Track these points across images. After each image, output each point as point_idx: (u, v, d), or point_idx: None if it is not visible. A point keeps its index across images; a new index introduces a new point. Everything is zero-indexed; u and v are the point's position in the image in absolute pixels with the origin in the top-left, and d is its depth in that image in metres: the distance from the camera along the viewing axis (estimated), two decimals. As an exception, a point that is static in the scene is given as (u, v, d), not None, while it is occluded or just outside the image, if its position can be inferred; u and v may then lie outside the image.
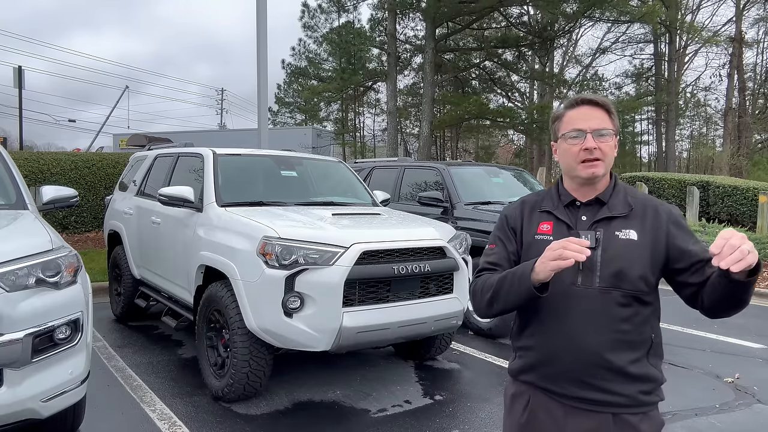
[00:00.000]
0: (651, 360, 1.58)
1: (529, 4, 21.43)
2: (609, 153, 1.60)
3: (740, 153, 25.34)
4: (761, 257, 9.64)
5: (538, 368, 1.63)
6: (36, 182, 9.57)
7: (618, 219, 1.59)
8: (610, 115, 1.62)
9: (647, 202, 1.64)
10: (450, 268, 4.20)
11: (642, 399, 1.55)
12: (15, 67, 19.38)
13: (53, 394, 2.69)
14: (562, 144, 1.65)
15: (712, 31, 29.28)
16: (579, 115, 1.61)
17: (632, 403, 1.54)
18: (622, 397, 1.53)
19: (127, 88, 34.90)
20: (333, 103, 29.29)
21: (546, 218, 1.67)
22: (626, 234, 1.57)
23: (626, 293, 1.51)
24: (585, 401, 1.56)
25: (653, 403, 1.59)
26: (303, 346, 3.65)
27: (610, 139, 1.60)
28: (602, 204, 1.62)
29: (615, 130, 1.62)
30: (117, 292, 6.19)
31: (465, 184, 6.67)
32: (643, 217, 1.59)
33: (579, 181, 1.63)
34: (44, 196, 3.80)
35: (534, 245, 1.65)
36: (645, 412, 1.56)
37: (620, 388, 1.53)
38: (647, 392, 1.56)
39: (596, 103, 1.62)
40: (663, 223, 1.58)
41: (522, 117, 24.59)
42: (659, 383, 1.60)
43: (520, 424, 1.67)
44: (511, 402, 1.73)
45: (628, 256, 1.54)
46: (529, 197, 1.78)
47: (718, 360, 5.15)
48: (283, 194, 4.87)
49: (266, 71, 9.08)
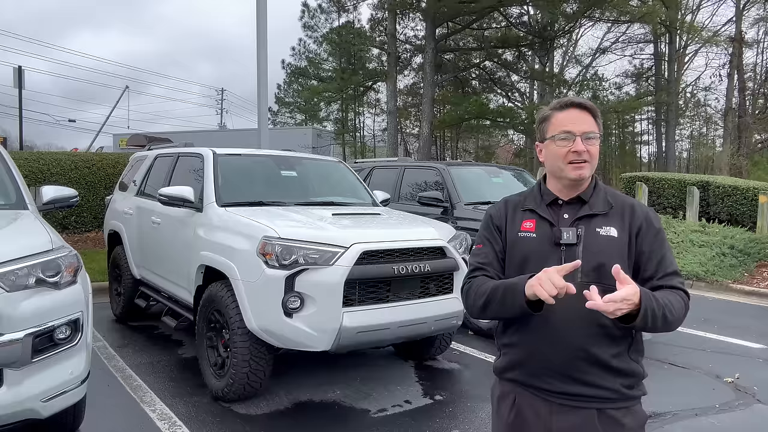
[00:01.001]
0: (632, 355, 1.63)
1: (529, 4, 21.44)
2: (595, 156, 1.66)
3: (740, 153, 25.32)
4: (761, 257, 9.69)
5: (522, 365, 1.67)
6: (36, 182, 9.57)
7: (598, 216, 1.65)
8: (596, 119, 1.67)
9: (626, 201, 1.70)
10: (450, 268, 4.20)
11: (625, 392, 1.60)
12: (15, 67, 19.39)
13: (53, 394, 2.69)
14: (550, 145, 1.69)
15: (712, 31, 29.26)
16: (568, 118, 1.66)
17: (615, 397, 1.58)
18: (605, 391, 1.58)
19: (127, 88, 34.91)
20: (333, 103, 29.25)
21: (529, 216, 1.72)
22: (606, 231, 1.63)
23: (606, 288, 1.52)
24: (569, 396, 1.59)
25: (636, 398, 1.63)
26: (303, 346, 3.65)
27: (597, 143, 1.66)
28: (583, 203, 1.68)
29: (600, 134, 1.69)
30: (117, 292, 6.19)
31: (465, 184, 6.67)
32: (621, 215, 1.66)
33: (565, 182, 1.68)
34: (44, 196, 3.80)
35: (518, 242, 1.70)
36: (628, 406, 1.61)
37: (603, 381, 1.58)
38: (629, 386, 1.61)
39: (585, 107, 1.67)
40: (637, 221, 1.65)
41: (522, 117, 24.57)
42: (640, 378, 1.65)
43: (507, 424, 1.71)
44: (498, 403, 1.76)
45: (609, 251, 1.60)
46: (512, 197, 1.84)
47: (718, 360, 5.15)
48: (283, 194, 4.87)
49: (266, 71, 9.08)
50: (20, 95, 19.68)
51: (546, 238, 1.66)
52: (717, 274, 8.92)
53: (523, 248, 1.69)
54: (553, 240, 1.64)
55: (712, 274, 8.91)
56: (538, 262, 1.62)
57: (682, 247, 9.96)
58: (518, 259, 1.69)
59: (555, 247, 1.63)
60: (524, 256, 1.68)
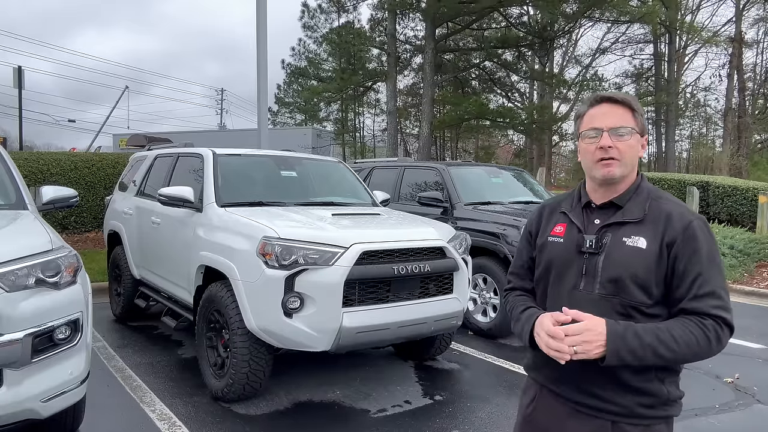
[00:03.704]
0: (660, 373, 1.48)
1: (529, 4, 21.42)
2: (627, 153, 1.53)
3: (740, 153, 25.35)
4: (761, 257, 9.68)
5: (541, 368, 1.64)
6: (36, 182, 9.57)
7: (629, 224, 1.51)
8: (633, 113, 1.54)
9: (665, 208, 1.52)
10: (450, 269, 4.20)
11: (640, 412, 1.48)
12: (15, 68, 19.38)
13: (53, 394, 2.69)
14: (580, 143, 1.60)
15: (712, 32, 29.29)
16: (598, 113, 1.55)
17: (629, 414, 1.48)
18: (617, 407, 1.49)
19: (127, 88, 34.91)
20: (333, 104, 29.27)
21: (562, 220, 1.65)
22: (634, 241, 1.49)
23: (624, 302, 1.47)
24: (584, 405, 1.55)
25: (657, 418, 1.50)
26: (303, 346, 3.65)
27: (630, 138, 1.52)
28: (618, 208, 1.56)
29: (638, 129, 1.54)
30: (117, 292, 6.19)
31: (465, 184, 6.67)
32: (656, 224, 1.49)
33: (597, 182, 1.58)
34: (44, 196, 3.80)
35: (546, 247, 1.66)
36: (647, 425, 1.49)
37: (615, 397, 1.49)
38: (648, 406, 1.49)
39: (616, 101, 1.55)
40: (672, 233, 1.47)
41: (522, 117, 24.58)
42: (664, 399, 1.49)
43: (524, 416, 1.71)
44: (522, 393, 1.79)
45: (631, 264, 1.47)
46: (551, 199, 1.80)
47: (718, 360, 5.10)
48: (283, 194, 4.87)
49: (266, 71, 9.08)
50: (20, 95, 19.68)
51: (572, 244, 1.58)
52: (717, 274, 8.90)
53: (550, 253, 1.63)
54: (577, 247, 1.56)
55: (712, 274, 8.89)
56: (560, 268, 1.58)
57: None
58: (544, 264, 1.65)
59: (579, 254, 1.55)
60: (549, 262, 1.63)
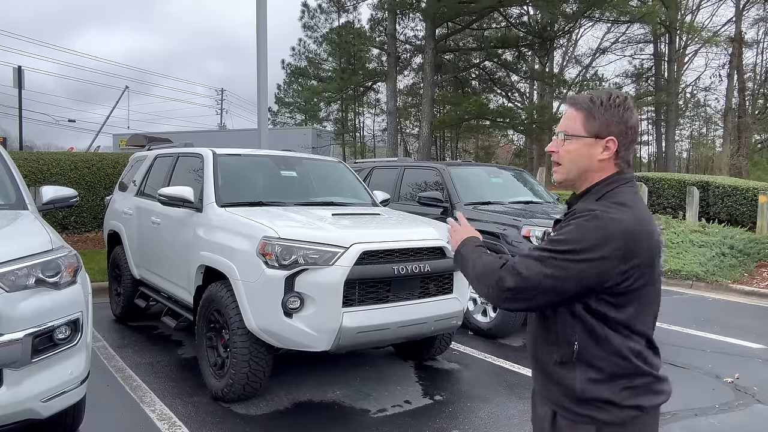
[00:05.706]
0: (580, 367, 1.45)
1: (529, 4, 21.44)
2: (564, 157, 1.53)
3: (740, 153, 25.35)
4: (761, 257, 9.69)
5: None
6: (36, 182, 9.56)
7: (561, 222, 1.55)
8: (587, 115, 1.49)
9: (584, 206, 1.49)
10: (450, 269, 4.20)
11: (567, 405, 1.47)
12: (15, 68, 19.39)
13: (53, 394, 2.69)
14: None
15: (712, 31, 29.31)
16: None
17: (559, 405, 1.50)
18: (551, 395, 1.54)
19: (127, 88, 34.89)
20: (333, 104, 29.29)
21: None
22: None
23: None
24: (538, 391, 1.63)
25: (582, 416, 1.45)
26: (303, 346, 3.65)
27: (569, 143, 1.52)
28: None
29: (588, 132, 1.49)
30: (117, 292, 6.19)
31: (465, 184, 6.67)
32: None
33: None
34: (44, 196, 3.80)
35: None
36: (572, 420, 1.47)
37: (545, 384, 1.55)
38: (571, 400, 1.46)
39: (572, 103, 1.55)
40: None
41: (522, 117, 24.61)
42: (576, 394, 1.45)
43: (531, 419, 1.76)
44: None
45: None
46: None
47: (718, 360, 5.15)
48: (283, 194, 4.87)
49: (266, 71, 9.08)
50: (20, 95, 19.70)
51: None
52: (717, 274, 8.92)
53: None
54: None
55: (712, 274, 8.91)
56: None
57: (681, 248, 9.96)
58: None
59: None
60: None
